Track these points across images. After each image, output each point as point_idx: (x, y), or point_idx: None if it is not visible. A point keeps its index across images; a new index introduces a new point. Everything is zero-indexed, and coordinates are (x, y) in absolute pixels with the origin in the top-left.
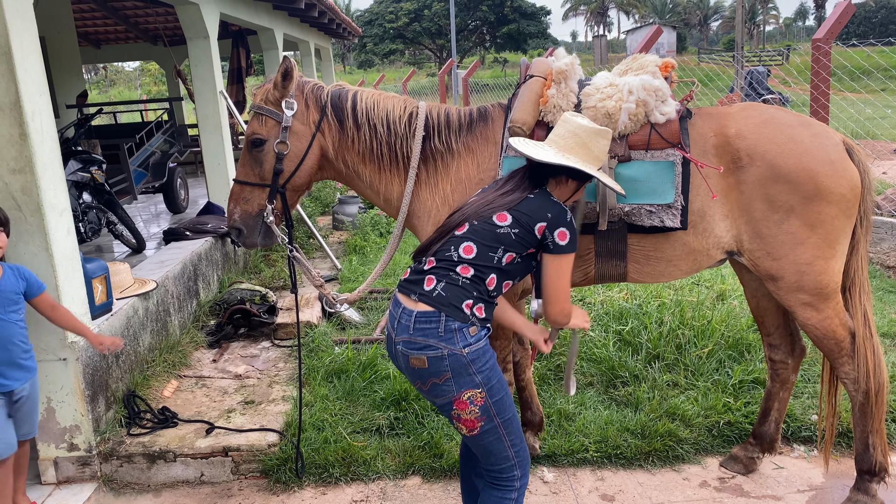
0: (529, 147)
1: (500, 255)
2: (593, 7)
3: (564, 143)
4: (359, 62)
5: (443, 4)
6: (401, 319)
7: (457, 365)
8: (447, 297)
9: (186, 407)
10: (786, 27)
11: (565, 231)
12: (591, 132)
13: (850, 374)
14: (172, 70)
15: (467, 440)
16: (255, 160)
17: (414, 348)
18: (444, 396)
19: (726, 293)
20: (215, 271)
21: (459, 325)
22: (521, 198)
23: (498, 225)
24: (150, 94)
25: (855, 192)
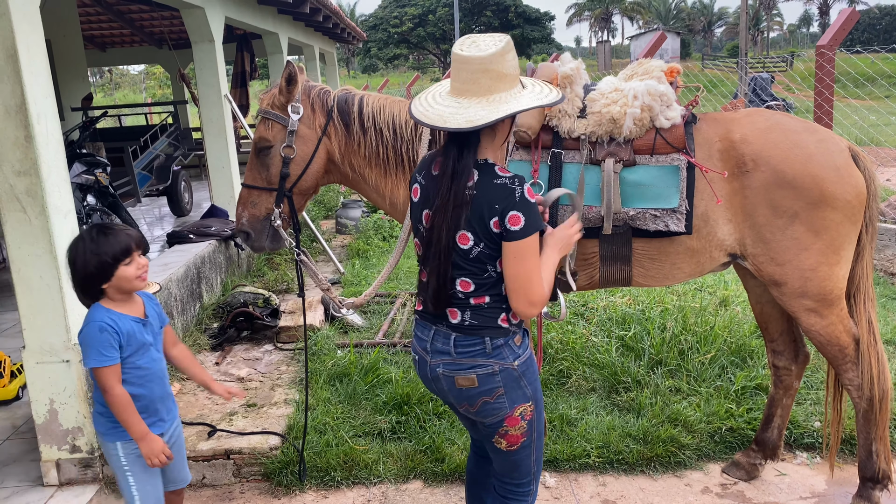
0: (448, 116)
1: (491, 269)
2: (597, 13)
3: (480, 86)
4: (363, 66)
5: (447, 9)
6: (434, 342)
7: (509, 379)
8: (480, 323)
9: (189, 409)
10: (790, 34)
11: (516, 213)
12: (497, 56)
13: (853, 380)
14: (177, 73)
15: (497, 454)
16: (263, 164)
17: (461, 368)
18: (495, 415)
19: (729, 299)
20: (218, 274)
21: (504, 340)
22: (466, 199)
23: (466, 250)
24: (155, 98)
25: (860, 198)
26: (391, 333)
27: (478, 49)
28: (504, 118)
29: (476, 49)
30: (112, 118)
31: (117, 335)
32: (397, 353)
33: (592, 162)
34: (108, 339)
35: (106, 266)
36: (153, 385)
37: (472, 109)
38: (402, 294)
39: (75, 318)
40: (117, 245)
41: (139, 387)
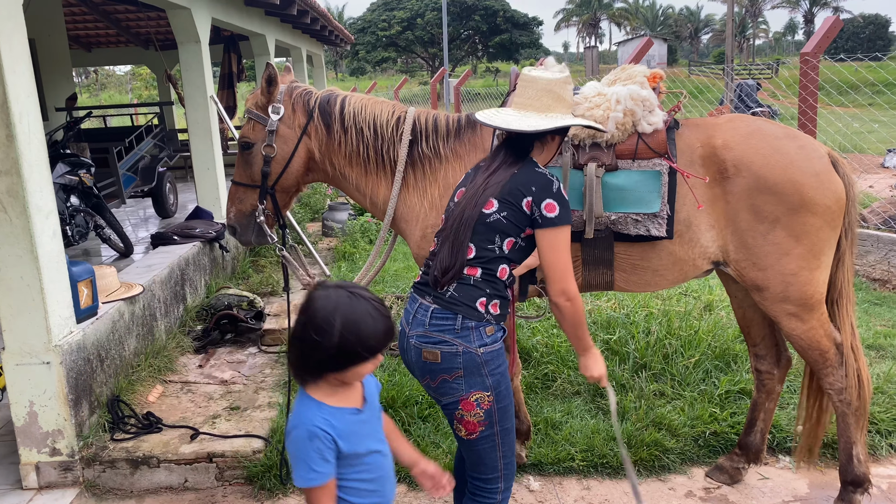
0: (510, 120)
1: (499, 243)
2: (585, 18)
3: (541, 103)
4: (351, 69)
5: (436, 13)
6: (416, 314)
7: (470, 363)
8: (460, 297)
9: (171, 412)
10: (775, 41)
11: (553, 202)
12: (560, 83)
13: (834, 384)
14: (163, 74)
15: (461, 444)
16: (246, 162)
17: (428, 342)
18: (451, 395)
19: (713, 304)
20: (203, 276)
21: (476, 324)
22: (506, 177)
23: (486, 214)
24: (141, 98)
25: (840, 203)
26: None
27: (546, 72)
28: (559, 127)
29: (545, 72)
30: (97, 119)
31: (333, 442)
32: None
33: (575, 166)
34: (321, 448)
35: (359, 357)
36: (385, 491)
37: (532, 119)
38: (387, 297)
39: (56, 319)
40: (385, 336)
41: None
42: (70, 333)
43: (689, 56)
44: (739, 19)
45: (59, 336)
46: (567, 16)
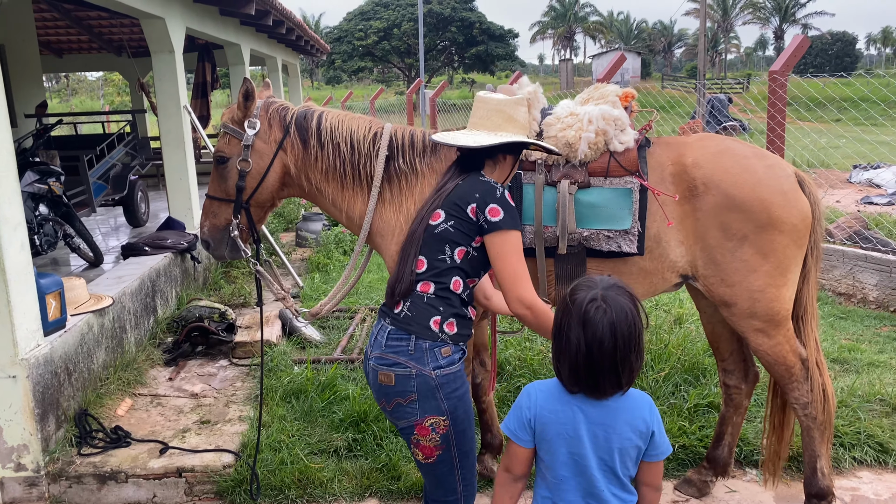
0: (459, 137)
1: (449, 253)
2: (560, 31)
3: (492, 122)
4: (327, 78)
5: (412, 24)
6: (377, 336)
7: (424, 387)
8: (413, 317)
9: (140, 426)
10: (746, 56)
11: (497, 207)
12: (512, 104)
13: (799, 399)
14: (136, 83)
15: (419, 467)
16: (221, 177)
17: (384, 364)
18: (406, 419)
19: (683, 317)
20: (174, 288)
21: (430, 345)
22: (451, 187)
23: (434, 225)
24: (113, 105)
25: (806, 222)
26: (350, 349)
27: (497, 94)
28: (503, 144)
29: (495, 94)
30: (67, 126)
31: None
32: (355, 370)
33: (549, 183)
34: None
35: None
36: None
37: (480, 136)
38: (361, 309)
39: (23, 332)
40: None
41: None
42: (37, 347)
43: (663, 69)
44: (712, 34)
45: (26, 349)
46: (542, 28)
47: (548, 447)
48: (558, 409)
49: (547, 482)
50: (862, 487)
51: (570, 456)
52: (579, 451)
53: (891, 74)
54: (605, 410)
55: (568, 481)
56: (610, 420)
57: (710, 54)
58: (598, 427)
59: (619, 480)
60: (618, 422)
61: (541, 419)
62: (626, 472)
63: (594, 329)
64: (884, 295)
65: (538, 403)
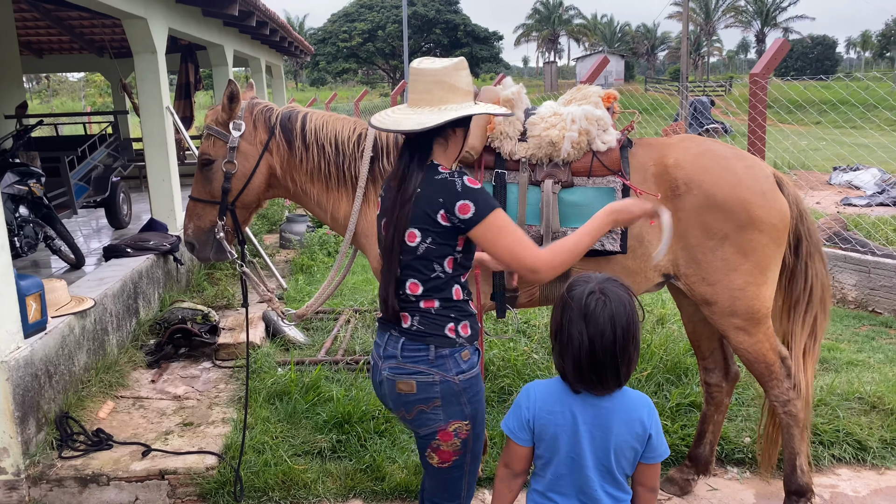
0: (401, 120)
1: (439, 269)
2: (545, 34)
3: (433, 96)
4: (311, 80)
5: (396, 26)
6: (387, 347)
7: (448, 393)
8: (426, 329)
9: (122, 429)
10: (729, 59)
11: (464, 203)
12: (451, 70)
13: (779, 397)
14: (118, 83)
15: (428, 470)
16: (206, 178)
17: (403, 373)
18: (429, 426)
19: (666, 317)
20: (156, 289)
21: (450, 351)
22: (412, 200)
23: (413, 247)
24: (95, 106)
25: (784, 222)
26: (333, 351)
27: (433, 64)
28: (451, 120)
29: (431, 64)
30: (48, 127)
31: None
32: (339, 371)
33: (533, 183)
34: None
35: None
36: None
37: (424, 115)
38: (345, 311)
39: (2, 334)
40: None
41: None
42: (17, 349)
43: (646, 72)
44: (694, 37)
45: (6, 352)
46: (527, 31)
47: (546, 446)
48: (556, 409)
49: (542, 479)
50: (841, 484)
51: (568, 455)
52: (576, 451)
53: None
54: (602, 411)
55: (564, 478)
56: (607, 421)
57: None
58: (596, 428)
59: (615, 479)
60: (615, 423)
61: (539, 419)
62: (621, 472)
63: (595, 322)
64: (862, 295)
65: (537, 404)
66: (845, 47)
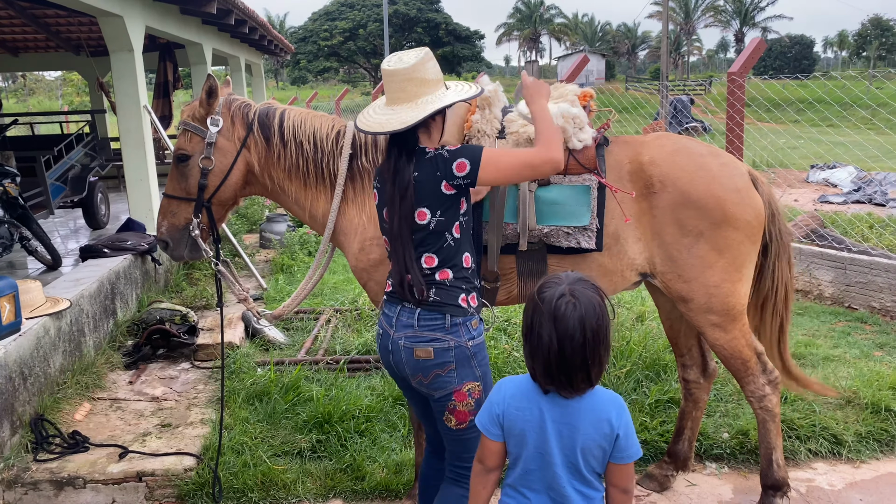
0: (385, 122)
1: (449, 238)
2: (526, 33)
3: (408, 93)
4: (292, 78)
5: (378, 24)
6: (400, 317)
7: (461, 357)
8: (443, 300)
9: (99, 431)
10: (708, 58)
11: (459, 162)
12: (419, 66)
13: (755, 392)
14: (95, 82)
15: (449, 435)
16: (182, 175)
17: (420, 341)
18: (445, 388)
19: (645, 314)
20: (134, 290)
21: (463, 320)
22: (412, 183)
23: (424, 224)
24: (72, 105)
25: (759, 219)
26: (314, 350)
27: (401, 62)
28: (432, 115)
29: (400, 63)
30: (24, 126)
31: None
32: (320, 371)
33: None
34: None
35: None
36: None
37: (404, 113)
38: (326, 310)
39: None
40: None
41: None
42: None
43: (627, 71)
44: (674, 37)
45: None
46: (508, 30)
47: (515, 442)
48: (525, 406)
49: (513, 474)
50: (817, 478)
51: (536, 451)
52: (544, 448)
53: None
54: (570, 409)
55: (533, 474)
56: (574, 419)
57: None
58: (563, 426)
59: (583, 477)
60: (582, 421)
61: (509, 415)
62: (590, 470)
63: (565, 325)
64: (839, 291)
65: (506, 399)
66: (822, 47)
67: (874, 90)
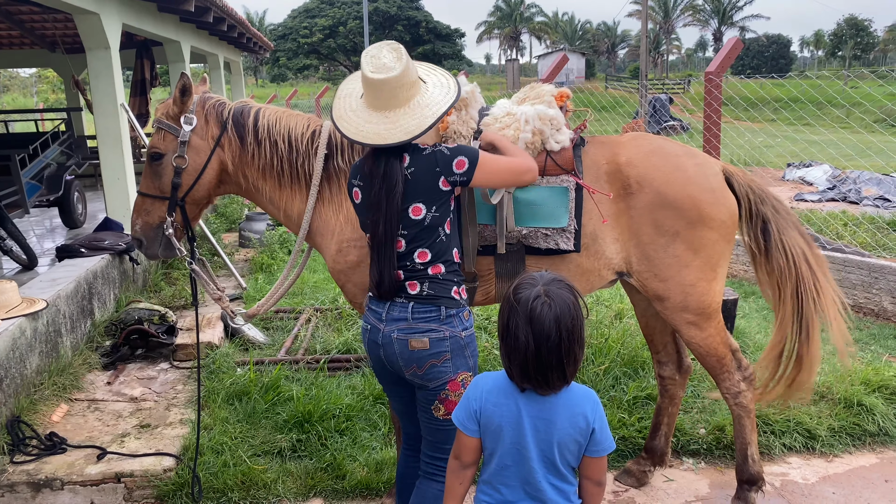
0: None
1: (441, 232)
2: (507, 31)
3: (399, 98)
4: (272, 76)
5: (358, 22)
6: (391, 312)
7: (456, 347)
8: (437, 293)
9: (77, 432)
10: (688, 57)
11: (459, 160)
12: (405, 71)
13: (730, 389)
14: (71, 80)
15: (434, 425)
16: (155, 173)
17: (416, 332)
18: (439, 378)
19: (624, 312)
20: (112, 290)
21: (457, 311)
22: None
23: (419, 220)
24: (48, 103)
25: (733, 218)
26: (294, 350)
27: (387, 70)
28: (436, 123)
29: (386, 71)
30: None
31: None
32: (300, 370)
33: None
34: None
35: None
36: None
37: (404, 120)
38: (306, 310)
39: None
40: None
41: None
42: None
43: (607, 70)
44: (654, 36)
45: None
46: (489, 28)
47: (491, 437)
48: (502, 401)
49: (489, 469)
50: (791, 472)
51: (512, 446)
52: (521, 443)
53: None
54: (546, 405)
55: (509, 469)
56: (550, 414)
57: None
58: (539, 420)
59: (558, 471)
60: (558, 416)
61: (486, 411)
62: (565, 464)
63: (541, 325)
64: None
65: (483, 395)
66: (799, 46)
67: (848, 91)
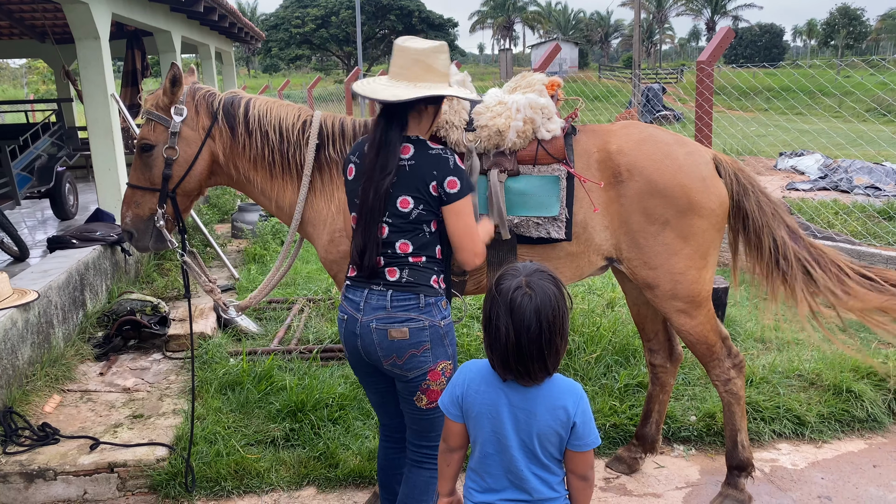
0: (378, 90)
1: (426, 230)
2: (500, 21)
3: (411, 73)
4: (264, 66)
5: (350, 12)
6: (369, 301)
7: (435, 336)
8: (416, 280)
9: (70, 422)
10: (681, 47)
11: (454, 179)
12: (431, 52)
13: (720, 376)
14: (61, 70)
15: (417, 415)
16: (146, 165)
17: (395, 322)
18: (419, 368)
19: (615, 301)
20: (104, 281)
21: (435, 300)
22: (396, 167)
23: (405, 212)
24: (38, 94)
25: (723, 207)
26: (287, 340)
27: (416, 43)
28: (422, 98)
29: (414, 43)
30: None
31: None
32: (293, 360)
33: (480, 171)
34: None
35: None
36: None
37: (400, 88)
38: (299, 300)
39: None
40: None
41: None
42: None
43: (600, 60)
44: (647, 25)
45: None
46: (482, 18)
47: (473, 424)
48: (483, 389)
49: (474, 457)
50: (780, 458)
51: (494, 434)
52: (501, 431)
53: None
54: (527, 395)
55: (492, 457)
56: (531, 405)
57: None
58: (520, 411)
59: (540, 462)
60: (538, 407)
61: (468, 397)
62: (547, 455)
63: (521, 316)
64: None
65: (467, 382)
66: (792, 35)
67: (840, 80)
